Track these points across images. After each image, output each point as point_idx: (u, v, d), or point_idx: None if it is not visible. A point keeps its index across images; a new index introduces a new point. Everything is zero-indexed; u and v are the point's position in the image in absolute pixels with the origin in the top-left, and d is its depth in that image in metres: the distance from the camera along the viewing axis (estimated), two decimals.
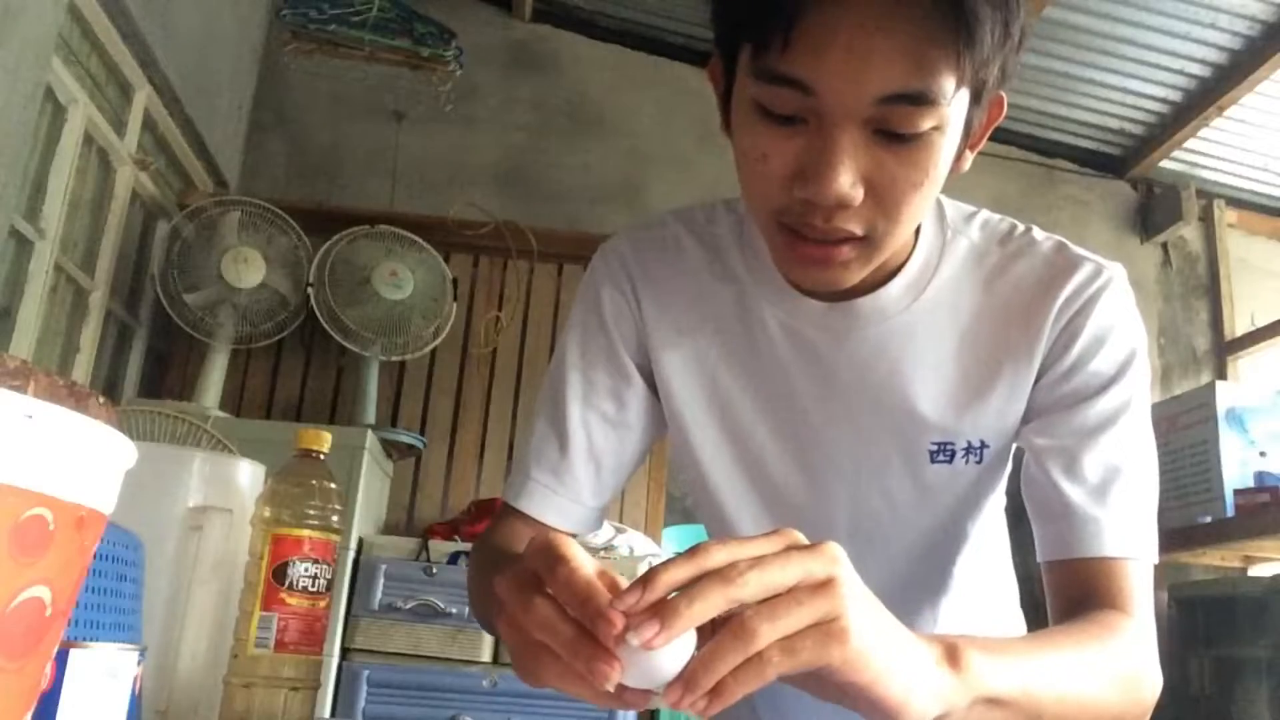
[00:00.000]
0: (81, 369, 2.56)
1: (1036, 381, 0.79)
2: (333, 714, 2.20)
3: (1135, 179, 3.82)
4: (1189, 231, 3.79)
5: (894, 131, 0.63)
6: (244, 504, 0.97)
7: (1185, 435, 2.99)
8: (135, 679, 0.62)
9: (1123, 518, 0.74)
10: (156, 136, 2.85)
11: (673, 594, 0.48)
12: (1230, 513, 2.81)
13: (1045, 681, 0.61)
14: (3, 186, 1.90)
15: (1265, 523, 2.69)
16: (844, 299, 0.78)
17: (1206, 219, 3.82)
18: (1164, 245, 3.80)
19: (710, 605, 0.47)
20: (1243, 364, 3.68)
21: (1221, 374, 3.61)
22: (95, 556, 0.43)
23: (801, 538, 0.51)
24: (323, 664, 0.92)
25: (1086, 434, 0.76)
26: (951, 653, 0.55)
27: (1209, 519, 2.86)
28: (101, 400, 0.40)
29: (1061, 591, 0.75)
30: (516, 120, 3.64)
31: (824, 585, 0.49)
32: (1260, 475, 2.82)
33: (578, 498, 0.85)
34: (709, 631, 0.48)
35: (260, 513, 0.88)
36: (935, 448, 0.80)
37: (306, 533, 0.87)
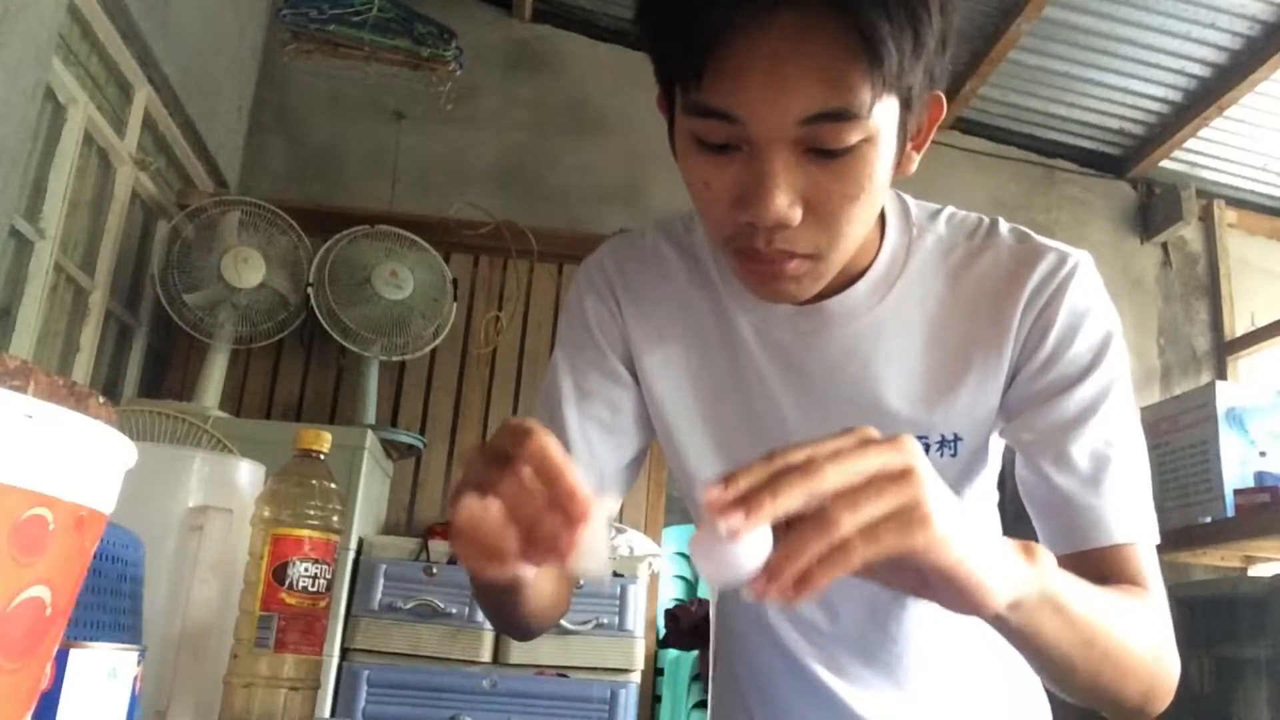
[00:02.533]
0: (81, 369, 2.56)
1: (1015, 376, 0.79)
2: (333, 714, 2.20)
3: (1135, 179, 3.82)
4: (1189, 231, 3.79)
5: (824, 149, 0.64)
6: (244, 504, 0.96)
7: (1185, 435, 2.99)
8: (135, 679, 0.62)
9: (1120, 503, 0.74)
10: (156, 136, 2.85)
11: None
12: (1230, 513, 2.80)
13: (1102, 612, 0.63)
14: (3, 186, 1.90)
15: (1265, 523, 2.68)
16: (813, 301, 0.79)
17: (1206, 219, 3.81)
18: (1164, 245, 3.80)
19: (793, 497, 0.48)
20: (1243, 364, 3.67)
21: (1221, 374, 3.61)
22: (95, 556, 0.43)
23: (876, 433, 0.52)
24: (323, 664, 0.92)
25: (1071, 423, 0.76)
26: (1027, 547, 0.58)
27: (1209, 519, 2.85)
28: (101, 400, 0.40)
29: None
30: (516, 120, 3.64)
31: (903, 474, 0.50)
32: (1260, 475, 2.82)
33: None
34: (782, 535, 0.49)
35: (260, 513, 0.88)
36: None
37: (306, 533, 0.87)
